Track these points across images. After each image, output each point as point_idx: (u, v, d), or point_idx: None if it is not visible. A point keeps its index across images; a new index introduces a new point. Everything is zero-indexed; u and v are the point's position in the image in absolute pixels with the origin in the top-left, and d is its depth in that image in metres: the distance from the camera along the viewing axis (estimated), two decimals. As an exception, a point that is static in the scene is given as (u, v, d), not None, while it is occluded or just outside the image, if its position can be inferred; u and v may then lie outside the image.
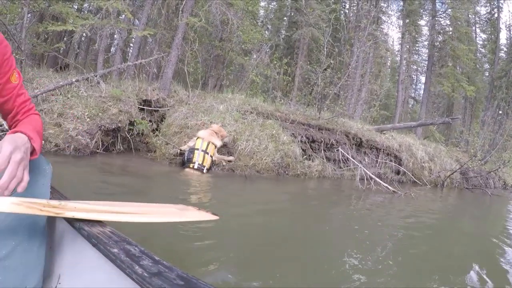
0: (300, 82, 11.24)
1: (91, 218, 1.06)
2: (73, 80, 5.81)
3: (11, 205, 0.94)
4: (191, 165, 5.11)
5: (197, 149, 5.19)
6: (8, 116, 1.27)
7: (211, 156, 5.32)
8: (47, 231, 1.19)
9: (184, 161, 5.28)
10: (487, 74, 21.85)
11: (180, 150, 5.60)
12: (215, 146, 5.45)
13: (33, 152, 1.05)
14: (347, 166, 7.92)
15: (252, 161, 5.93)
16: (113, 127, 5.53)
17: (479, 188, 10.55)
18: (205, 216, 1.36)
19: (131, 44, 12.62)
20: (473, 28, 21.22)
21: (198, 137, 5.35)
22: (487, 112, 18.59)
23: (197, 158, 5.14)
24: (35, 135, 1.08)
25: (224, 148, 5.85)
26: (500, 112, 18.82)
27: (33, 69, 6.68)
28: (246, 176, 5.61)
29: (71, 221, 1.09)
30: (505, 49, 20.61)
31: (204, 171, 5.18)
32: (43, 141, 4.56)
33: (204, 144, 5.24)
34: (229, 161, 5.76)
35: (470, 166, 11.21)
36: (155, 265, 0.81)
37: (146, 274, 0.77)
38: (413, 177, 9.19)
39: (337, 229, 3.60)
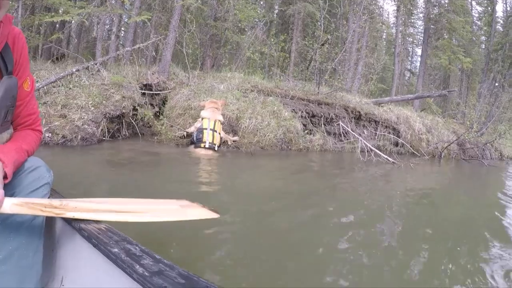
0: (296, 58, 11.23)
1: (92, 218, 1.07)
2: (74, 70, 5.81)
3: (13, 206, 0.96)
4: (202, 145, 5.25)
5: (206, 129, 5.32)
6: (12, 121, 1.26)
7: (219, 134, 5.47)
8: (47, 234, 1.20)
9: (194, 141, 5.41)
10: (483, 47, 21.71)
11: (187, 132, 5.71)
12: (221, 123, 5.60)
13: (5, 176, 1.03)
14: (347, 139, 8.08)
15: (256, 138, 6.09)
16: (118, 113, 5.58)
17: (475, 159, 10.66)
18: (206, 214, 1.32)
19: (123, 29, 12.50)
20: (469, 0, 20.98)
21: (203, 118, 5.47)
22: (483, 84, 18.58)
23: (207, 137, 5.28)
24: (12, 158, 1.07)
25: (229, 127, 5.98)
26: (496, 84, 18.85)
27: (30, 62, 6.65)
28: (251, 153, 5.78)
29: (71, 222, 1.09)
30: (501, 21, 20.40)
31: (216, 148, 5.35)
32: (50, 134, 4.66)
33: (211, 123, 5.38)
34: (234, 140, 5.90)
35: (467, 137, 11.28)
36: (156, 264, 0.82)
37: (147, 273, 0.78)
38: (411, 148, 9.34)
39: (341, 199, 3.77)
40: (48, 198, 1.17)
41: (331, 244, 2.33)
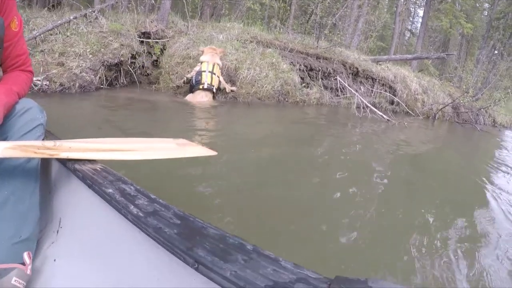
0: (296, 10, 11.00)
1: (86, 157, 1.05)
2: (71, 17, 5.69)
3: (6, 150, 0.94)
4: (200, 86, 5.39)
5: (204, 71, 5.43)
6: (1, 64, 1.24)
7: (218, 77, 5.58)
8: (44, 177, 1.22)
9: (193, 84, 5.51)
10: (485, 14, 21.31)
11: (187, 77, 5.78)
12: (219, 66, 5.69)
13: None
14: (344, 95, 8.17)
15: (254, 88, 6.15)
16: (116, 61, 5.56)
17: (469, 123, 10.76)
18: (203, 151, 1.31)
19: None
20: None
21: (202, 61, 5.54)
22: (483, 51, 18.49)
23: (205, 79, 5.40)
24: (2, 101, 1.05)
25: (227, 77, 6.03)
26: (496, 52, 18.76)
27: (25, 10, 6.50)
28: (248, 103, 5.89)
29: (66, 164, 1.07)
30: None
31: (214, 90, 5.50)
32: (47, 82, 4.65)
33: (210, 65, 5.48)
34: (232, 90, 5.98)
35: (462, 101, 11.36)
36: (151, 204, 0.82)
37: (141, 214, 0.77)
38: (406, 107, 9.45)
39: (333, 153, 3.87)
40: (43, 139, 1.15)
41: (318, 188, 2.49)
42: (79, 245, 1.02)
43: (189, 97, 5.47)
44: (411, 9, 26.02)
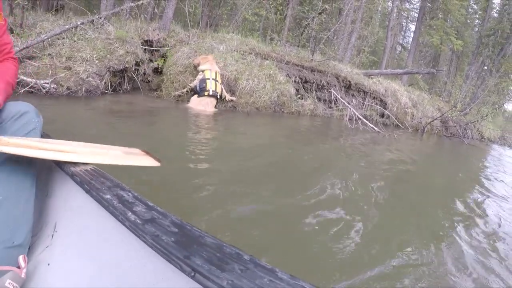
0: (291, 23, 11.31)
1: (24, 154, 1.01)
2: (79, 23, 5.88)
3: None
4: (206, 93, 5.69)
5: (208, 79, 5.75)
6: None
7: (221, 84, 5.92)
8: (41, 181, 1.21)
9: (197, 91, 5.79)
10: (476, 30, 21.92)
11: (190, 86, 6.04)
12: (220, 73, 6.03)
13: None
14: (337, 107, 8.51)
15: (252, 99, 6.45)
16: (121, 68, 5.75)
17: (456, 137, 11.19)
18: (146, 162, 1.29)
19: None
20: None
21: (205, 70, 5.85)
22: (472, 66, 19.07)
23: (210, 86, 5.72)
24: (2, 88, 1.13)
25: (227, 87, 6.30)
26: (485, 68, 19.30)
27: (30, 13, 6.64)
28: (247, 112, 6.19)
29: (64, 168, 1.08)
30: (497, 8, 20.52)
31: (218, 96, 5.82)
32: (55, 85, 4.82)
33: (212, 73, 5.82)
34: (231, 100, 6.26)
35: (450, 115, 11.78)
36: (149, 212, 0.82)
37: (139, 221, 0.77)
38: (396, 120, 9.83)
39: (328, 161, 4.18)
40: None
41: (306, 189, 2.75)
42: (74, 250, 1.01)
43: (193, 101, 5.73)
44: (403, 23, 26.73)
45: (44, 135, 1.25)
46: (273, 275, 0.62)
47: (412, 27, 24.40)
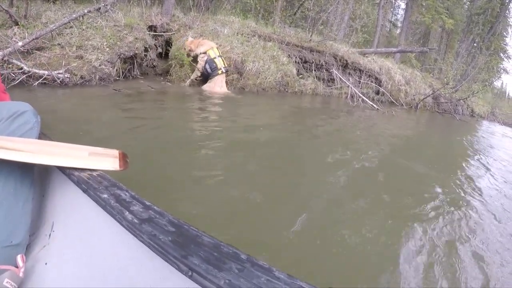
0: (283, 1, 11.37)
1: (15, 159, 1.00)
2: (85, 11, 5.88)
3: None
4: (219, 72, 5.93)
5: (215, 57, 5.96)
6: None
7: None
8: (39, 181, 1.22)
9: (209, 73, 5.99)
10: (466, 8, 22.07)
11: (199, 70, 6.20)
12: None
13: None
14: (335, 85, 8.84)
15: (259, 80, 6.74)
16: (131, 54, 5.85)
17: (448, 113, 11.55)
18: (110, 166, 1.18)
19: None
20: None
21: (206, 50, 6.02)
22: (462, 44, 19.32)
23: (220, 63, 5.95)
24: None
25: (235, 69, 6.56)
26: (475, 45, 19.59)
27: (30, 4, 6.59)
28: (257, 91, 6.55)
29: (61, 168, 1.07)
30: None
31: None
32: (69, 74, 4.82)
33: (216, 51, 6.02)
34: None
35: (442, 92, 12.16)
36: (146, 211, 0.82)
37: (136, 221, 0.77)
38: (391, 97, 10.17)
39: (327, 132, 4.52)
40: None
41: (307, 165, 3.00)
42: (72, 249, 1.01)
43: (208, 87, 5.94)
44: (392, 0, 26.79)
45: (42, 135, 1.24)
46: (271, 274, 0.62)
47: (402, 4, 24.57)
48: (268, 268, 0.64)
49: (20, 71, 4.43)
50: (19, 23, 5.26)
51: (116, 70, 5.66)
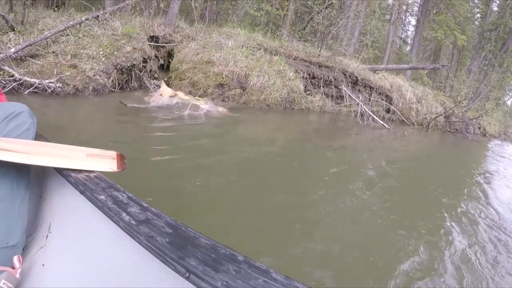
0: (292, 15, 11.13)
1: (10, 160, 0.99)
2: (83, 19, 5.67)
3: None
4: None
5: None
6: None
7: None
8: (36, 182, 1.22)
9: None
10: (477, 24, 21.80)
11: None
12: None
13: None
14: (344, 103, 8.43)
15: (263, 95, 6.35)
16: (128, 65, 5.58)
17: (460, 133, 11.17)
18: (108, 167, 1.18)
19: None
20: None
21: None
22: (474, 61, 18.92)
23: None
24: None
25: (237, 83, 6.19)
26: (487, 63, 19.19)
27: (30, 9, 6.44)
28: (260, 108, 6.15)
29: (58, 169, 1.08)
30: (498, 2, 20.36)
31: None
32: (61, 84, 4.64)
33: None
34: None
35: (456, 112, 11.77)
36: (143, 212, 0.82)
37: (133, 222, 0.77)
38: (401, 116, 9.76)
39: (342, 156, 4.24)
40: None
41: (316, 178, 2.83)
42: (68, 250, 1.01)
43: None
44: (403, 17, 26.60)
45: (38, 135, 1.24)
46: (268, 275, 0.62)
47: (412, 21, 24.33)
48: (265, 269, 0.64)
49: (11, 78, 4.31)
50: (15, 29, 5.11)
51: (112, 81, 5.38)
